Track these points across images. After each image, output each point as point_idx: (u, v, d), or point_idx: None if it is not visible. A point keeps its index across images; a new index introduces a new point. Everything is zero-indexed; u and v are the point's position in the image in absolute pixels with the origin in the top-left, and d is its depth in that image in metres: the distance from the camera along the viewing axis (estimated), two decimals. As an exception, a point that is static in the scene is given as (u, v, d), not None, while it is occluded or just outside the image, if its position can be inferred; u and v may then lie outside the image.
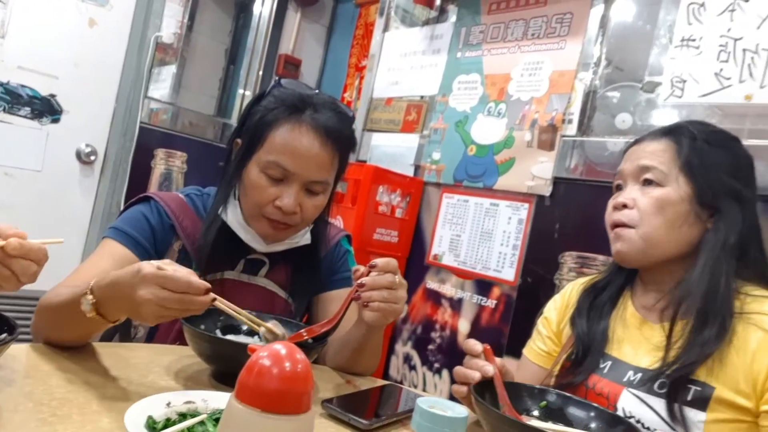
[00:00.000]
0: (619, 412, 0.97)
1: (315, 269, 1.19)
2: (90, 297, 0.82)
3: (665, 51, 1.57)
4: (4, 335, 0.70)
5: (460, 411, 0.68)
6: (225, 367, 0.91)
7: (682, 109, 1.52)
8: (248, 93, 2.96)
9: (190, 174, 2.78)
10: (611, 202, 1.09)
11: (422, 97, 2.24)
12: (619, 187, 1.09)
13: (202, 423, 0.67)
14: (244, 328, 1.04)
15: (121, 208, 2.58)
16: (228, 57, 3.08)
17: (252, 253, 1.15)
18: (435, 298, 2.05)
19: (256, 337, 1.02)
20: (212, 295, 0.79)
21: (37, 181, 2.35)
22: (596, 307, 1.13)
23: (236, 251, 1.12)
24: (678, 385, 0.94)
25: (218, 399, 0.76)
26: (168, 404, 0.72)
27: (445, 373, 1.99)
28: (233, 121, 2.96)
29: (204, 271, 1.08)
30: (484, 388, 0.90)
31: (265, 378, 0.42)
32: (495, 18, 2.04)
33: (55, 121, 2.37)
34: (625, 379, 1.01)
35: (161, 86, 2.81)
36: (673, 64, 1.53)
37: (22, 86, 2.26)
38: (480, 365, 0.90)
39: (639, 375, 1.00)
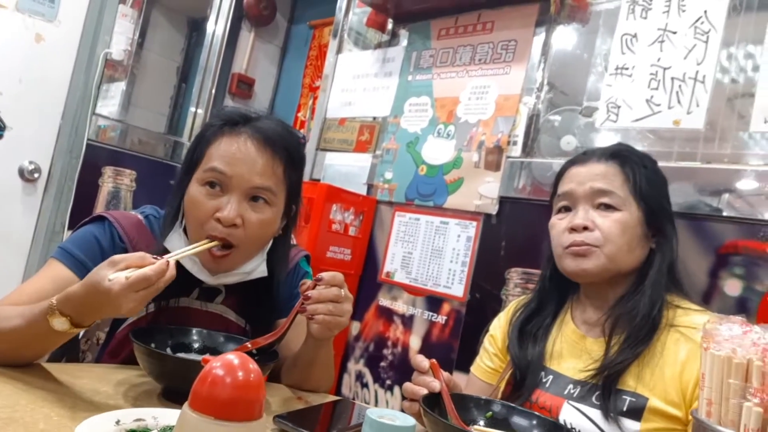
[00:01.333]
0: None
1: (271, 296, 1.15)
2: (63, 319, 0.83)
3: (601, 78, 1.67)
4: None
5: (408, 420, 0.71)
6: (175, 384, 0.91)
7: (617, 133, 1.61)
8: (200, 111, 2.94)
9: (139, 192, 2.74)
10: (563, 224, 1.11)
11: (375, 118, 2.29)
12: (566, 209, 1.13)
13: (154, 438, 0.67)
14: (195, 345, 1.05)
15: (66, 227, 2.54)
16: (180, 75, 3.06)
17: (205, 281, 1.09)
18: (387, 315, 2.07)
19: (208, 354, 1.02)
20: (168, 261, 0.86)
21: (-24, 198, 2.27)
22: (531, 329, 1.17)
23: (190, 279, 1.06)
24: (611, 393, 0.99)
25: (169, 416, 0.76)
26: (117, 422, 0.72)
27: (396, 389, 2.01)
28: (184, 139, 2.94)
29: (158, 298, 1.03)
30: (433, 401, 0.93)
31: (218, 386, 0.44)
32: (444, 43, 2.11)
33: (-2, 137, 2.30)
34: (565, 392, 1.06)
35: (110, 103, 2.77)
36: (609, 90, 1.63)
37: (-36, 101, 2.19)
38: (427, 382, 0.93)
39: (578, 388, 1.05)
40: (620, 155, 1.11)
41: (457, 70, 2.04)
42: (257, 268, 1.10)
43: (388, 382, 2.02)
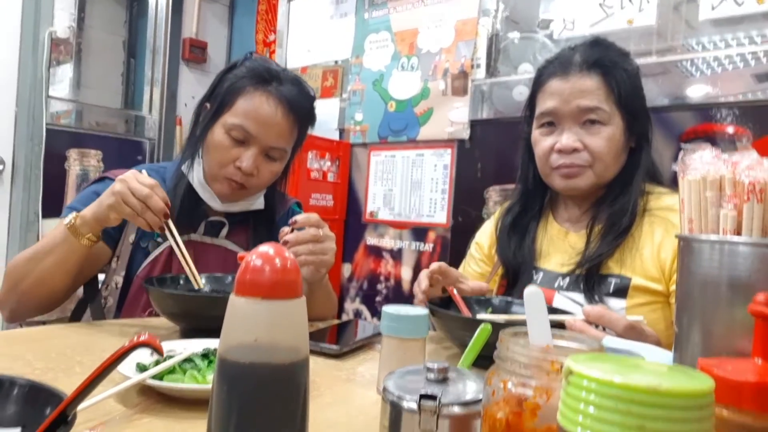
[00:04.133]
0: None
1: (271, 232, 1.24)
2: (73, 215, 0.98)
3: (555, -9, 1.71)
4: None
5: (421, 311, 0.77)
6: (193, 323, 0.96)
7: (575, 42, 1.65)
8: (156, 84, 2.88)
9: (107, 171, 2.71)
10: (548, 142, 1.11)
11: (336, 61, 2.29)
12: (550, 124, 1.12)
13: (189, 359, 0.72)
14: (206, 290, 1.09)
15: (40, 217, 2.51)
16: (127, 49, 2.98)
17: (211, 215, 1.21)
18: (376, 252, 2.13)
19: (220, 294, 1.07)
20: (167, 212, 0.96)
21: (-57, 198, 2.22)
22: (518, 229, 1.22)
23: (196, 214, 1.18)
24: (595, 278, 1.07)
25: (196, 345, 0.80)
26: (152, 353, 0.76)
27: (389, 305, 2.09)
28: (144, 112, 2.89)
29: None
30: (438, 300, 1.00)
31: (259, 272, 0.48)
32: (396, -25, 2.11)
33: (-48, 132, 2.23)
34: (555, 285, 1.13)
35: (60, 87, 2.69)
36: (563, 2, 1.67)
37: None
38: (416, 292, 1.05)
39: (567, 279, 1.12)
40: (601, 64, 1.08)
41: (412, 1, 2.04)
42: (256, 200, 1.24)
43: (386, 315, 2.09)
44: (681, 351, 0.51)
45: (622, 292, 1.05)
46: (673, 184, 1.38)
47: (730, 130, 1.41)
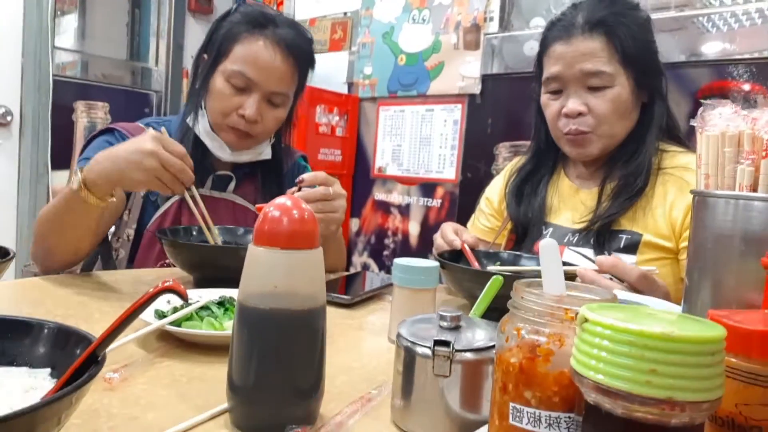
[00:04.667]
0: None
1: (279, 185, 1.25)
2: (80, 174, 0.91)
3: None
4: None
5: (432, 263, 0.78)
6: (207, 273, 0.98)
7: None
8: (162, 35, 2.84)
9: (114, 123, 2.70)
10: (556, 106, 1.11)
11: (345, 13, 2.25)
12: (557, 88, 1.11)
13: (206, 307, 0.74)
14: (218, 242, 1.10)
15: (49, 168, 2.52)
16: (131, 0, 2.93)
17: (218, 169, 1.21)
18: (384, 207, 2.14)
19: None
20: (193, 179, 0.91)
21: (-47, 149, 2.23)
22: (529, 188, 1.22)
23: (203, 169, 1.17)
24: (606, 234, 1.08)
25: (211, 294, 0.82)
26: (168, 301, 0.78)
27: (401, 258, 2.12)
28: (150, 64, 2.86)
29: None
30: (448, 254, 1.02)
31: (277, 223, 0.49)
32: (407, -77, 2.05)
33: (-40, 83, 2.22)
34: (565, 240, 1.14)
35: (65, 37, 2.66)
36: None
37: None
38: (451, 239, 1.06)
39: (577, 235, 1.13)
40: (604, 24, 1.06)
41: (425, -50, 1.99)
42: (264, 150, 1.24)
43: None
44: (691, 303, 0.52)
45: (632, 247, 1.07)
46: (687, 140, 1.38)
47: (747, 87, 1.39)
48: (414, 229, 2.06)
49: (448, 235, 1.08)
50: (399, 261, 0.77)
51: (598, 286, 0.78)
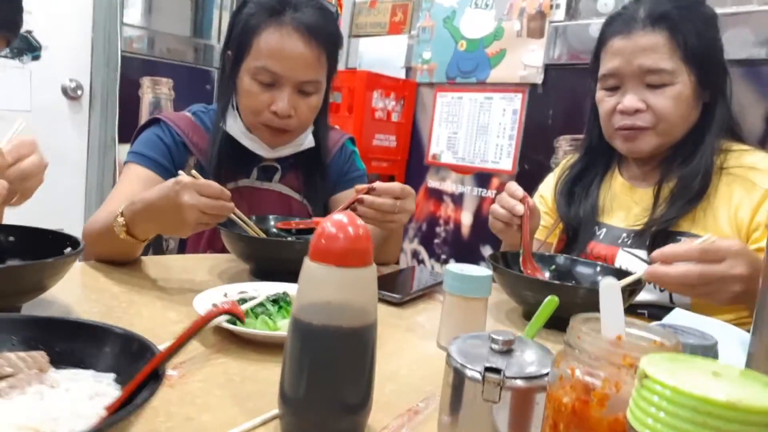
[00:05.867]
0: (617, 269, 1.08)
1: (324, 172, 1.25)
2: (121, 219, 0.90)
3: None
4: (69, 250, 0.77)
5: (485, 271, 0.77)
6: (263, 263, 1.00)
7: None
8: (225, 11, 2.88)
9: (177, 99, 2.77)
10: (611, 102, 1.08)
11: (407, -4, 2.22)
12: (614, 84, 1.08)
13: (261, 304, 0.76)
14: (274, 231, 1.13)
15: (116, 141, 2.62)
16: (196, -25, 2.97)
17: (263, 160, 1.21)
18: (437, 195, 2.13)
19: (288, 237, 1.11)
20: (233, 208, 0.89)
21: (28, 121, 2.33)
22: (580, 187, 1.20)
23: (248, 160, 1.18)
24: (664, 237, 1.04)
25: (266, 288, 0.84)
26: (225, 294, 0.80)
27: (452, 262, 2.11)
28: (213, 41, 2.91)
29: (220, 181, 1.12)
30: (501, 256, 1.00)
31: (333, 240, 0.49)
32: None
33: (36, 58, 2.33)
34: (619, 241, 1.11)
35: (132, 12, 2.73)
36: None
37: (-4, 24, 2.20)
38: (512, 204, 1.01)
39: (632, 236, 1.10)
40: (667, 18, 1.02)
41: (491, -67, 1.93)
42: (305, 139, 1.20)
43: (443, 257, 2.12)
44: (762, 335, 0.49)
45: None
46: (759, 143, 1.30)
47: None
48: (467, 219, 2.04)
49: (509, 200, 1.02)
50: (451, 268, 0.76)
51: (669, 280, 0.77)
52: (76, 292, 0.84)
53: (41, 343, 0.47)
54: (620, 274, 0.98)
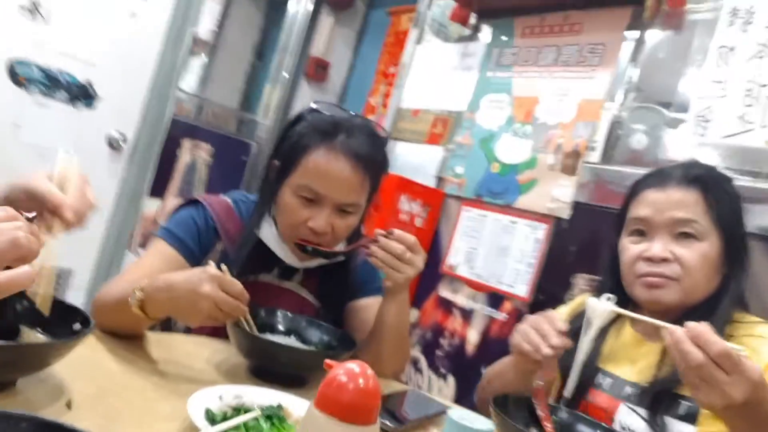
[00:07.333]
0: (616, 425, 1.04)
1: (346, 280, 1.25)
2: (139, 293, 0.91)
3: (693, 87, 1.63)
4: (78, 326, 0.77)
5: (486, 424, 0.74)
6: (263, 363, 0.99)
7: (703, 147, 1.57)
8: (276, 90, 3.02)
9: (213, 166, 2.85)
10: (636, 250, 1.07)
11: (450, 111, 2.31)
12: (640, 233, 1.09)
13: (255, 419, 0.74)
14: (280, 327, 1.12)
15: (147, 194, 2.68)
16: (255, 52, 3.14)
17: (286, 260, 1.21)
18: (446, 306, 2.11)
19: (292, 336, 1.10)
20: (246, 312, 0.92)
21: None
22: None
23: (273, 258, 1.18)
24: (665, 399, 1.01)
25: (263, 395, 0.83)
26: (220, 398, 0.79)
27: (450, 378, 2.05)
28: (259, 117, 3.03)
29: (241, 273, 1.11)
30: (504, 401, 0.97)
31: (343, 391, 0.48)
32: (528, 42, 2.10)
33: (89, 106, 2.44)
34: (623, 395, 1.08)
35: (189, 78, 2.88)
36: (700, 102, 1.59)
37: (61, 71, 2.33)
38: (552, 334, 0.98)
39: (636, 391, 1.07)
40: (701, 180, 1.05)
41: (539, 70, 2.02)
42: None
43: (443, 370, 2.06)
44: None
45: (692, 417, 0.99)
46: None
47: None
48: (473, 337, 2.00)
49: (549, 329, 0.99)
50: (452, 415, 0.74)
51: (682, 348, 0.79)
52: (76, 366, 0.83)
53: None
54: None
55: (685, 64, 1.67)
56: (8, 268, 0.55)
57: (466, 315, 2.04)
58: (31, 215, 0.65)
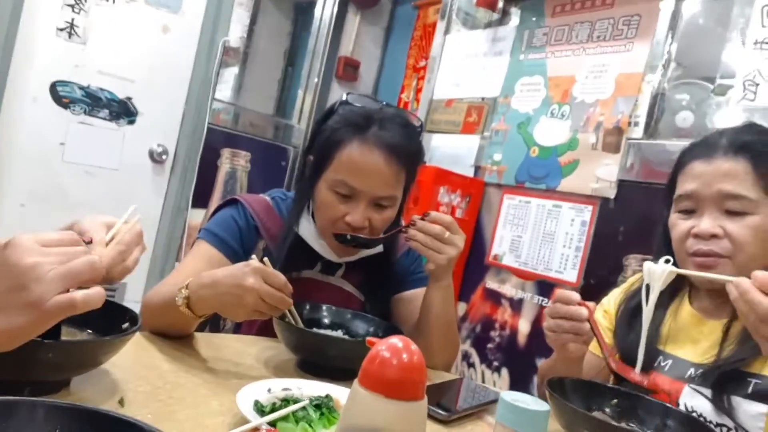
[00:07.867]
0: (681, 407, 0.99)
1: (389, 272, 1.24)
2: (185, 291, 0.92)
3: (737, 52, 1.55)
4: (126, 325, 0.78)
5: (542, 405, 0.72)
6: (311, 357, 0.99)
7: (754, 112, 1.49)
8: (308, 94, 3.04)
9: (253, 173, 2.89)
10: (685, 226, 1.03)
11: (483, 98, 2.27)
12: (689, 208, 1.04)
13: (303, 408, 0.73)
14: (326, 321, 1.12)
15: (189, 205, 2.74)
16: (287, 58, 3.17)
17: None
18: (494, 298, 2.07)
19: (339, 330, 1.10)
20: (291, 304, 0.91)
21: (115, 179, 2.49)
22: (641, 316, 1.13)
23: (314, 253, 1.18)
24: (731, 378, 0.96)
25: (310, 387, 0.83)
26: (269, 390, 0.79)
27: (504, 371, 2.01)
28: (293, 121, 3.06)
29: (285, 270, 1.14)
30: (558, 383, 0.94)
31: (387, 367, 0.47)
32: (559, 20, 2.04)
33: (131, 122, 2.50)
34: (686, 376, 1.03)
35: (223, 87, 2.93)
36: (746, 66, 1.51)
37: (101, 90, 2.40)
38: (574, 311, 0.99)
39: (699, 371, 1.02)
40: (750, 148, 0.99)
41: (573, 48, 1.97)
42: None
43: (496, 363, 2.03)
44: None
45: (763, 396, 0.93)
46: None
47: None
48: (524, 326, 1.96)
49: (569, 309, 1.00)
50: (506, 397, 0.71)
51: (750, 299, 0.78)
52: (127, 366, 0.84)
53: None
54: (690, 423, 0.90)
55: (727, 29, 1.60)
56: None
57: (516, 305, 2.00)
58: (87, 239, 0.68)
